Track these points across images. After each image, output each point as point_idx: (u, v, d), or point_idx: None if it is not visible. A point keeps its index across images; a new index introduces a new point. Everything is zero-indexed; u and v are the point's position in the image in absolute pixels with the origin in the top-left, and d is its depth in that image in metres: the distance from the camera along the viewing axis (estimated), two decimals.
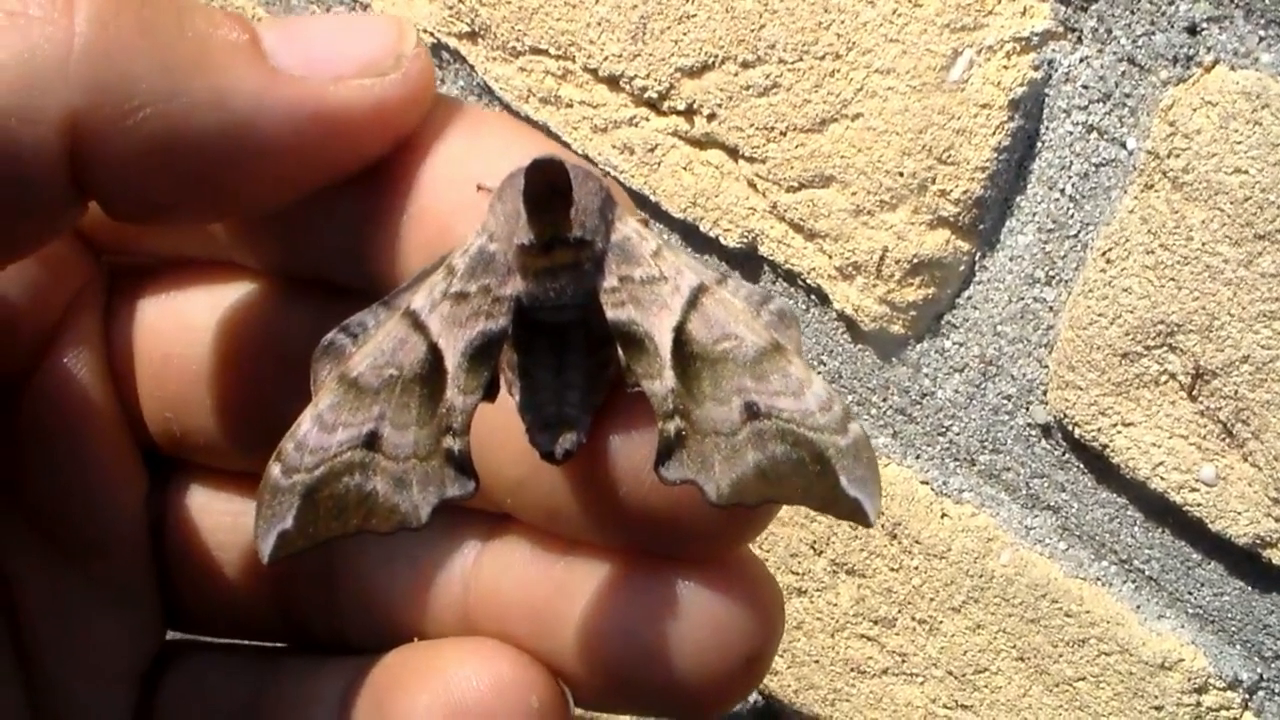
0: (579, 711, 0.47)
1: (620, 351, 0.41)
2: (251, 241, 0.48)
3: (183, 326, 0.50)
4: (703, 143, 0.69)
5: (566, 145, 0.74)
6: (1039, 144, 0.60)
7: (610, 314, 0.40)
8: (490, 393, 0.41)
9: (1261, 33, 0.53)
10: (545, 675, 0.45)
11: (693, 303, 0.41)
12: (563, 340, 0.41)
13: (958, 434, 0.64)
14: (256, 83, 0.40)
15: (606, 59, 0.70)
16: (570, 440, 0.40)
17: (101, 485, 0.49)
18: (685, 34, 0.67)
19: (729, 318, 0.40)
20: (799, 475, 0.39)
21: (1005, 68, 0.59)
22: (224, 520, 0.51)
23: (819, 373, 0.69)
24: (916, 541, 0.66)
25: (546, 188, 0.38)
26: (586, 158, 0.74)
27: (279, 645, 0.53)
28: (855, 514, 0.38)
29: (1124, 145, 0.58)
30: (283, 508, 0.40)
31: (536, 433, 0.40)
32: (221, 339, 0.49)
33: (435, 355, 0.40)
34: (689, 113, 0.69)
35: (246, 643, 0.53)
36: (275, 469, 0.40)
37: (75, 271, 0.50)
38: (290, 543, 0.40)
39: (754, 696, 0.80)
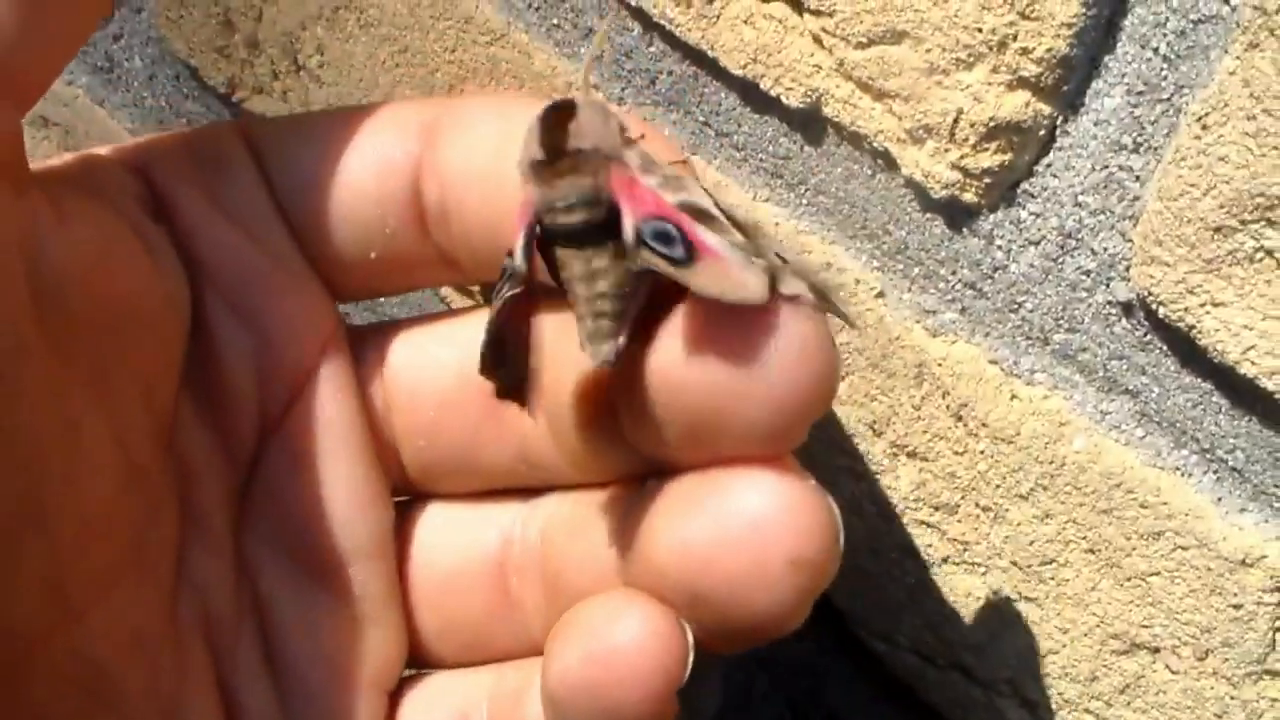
0: None
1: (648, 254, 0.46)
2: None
3: (428, 360, 0.58)
4: None
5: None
6: None
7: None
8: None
9: None
10: (674, 618, 0.49)
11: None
12: (585, 250, 0.46)
13: (1031, 311, 0.61)
14: None
15: None
16: (609, 349, 0.45)
17: (354, 512, 0.56)
18: None
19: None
20: None
21: None
22: (459, 548, 0.58)
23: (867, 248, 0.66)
24: (983, 424, 0.64)
25: (555, 115, 0.47)
26: (640, 11, 0.70)
27: None
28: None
29: (1227, 0, 0.53)
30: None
31: (584, 345, 0.46)
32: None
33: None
34: None
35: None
36: None
37: (325, 310, 0.57)
38: None
39: None
